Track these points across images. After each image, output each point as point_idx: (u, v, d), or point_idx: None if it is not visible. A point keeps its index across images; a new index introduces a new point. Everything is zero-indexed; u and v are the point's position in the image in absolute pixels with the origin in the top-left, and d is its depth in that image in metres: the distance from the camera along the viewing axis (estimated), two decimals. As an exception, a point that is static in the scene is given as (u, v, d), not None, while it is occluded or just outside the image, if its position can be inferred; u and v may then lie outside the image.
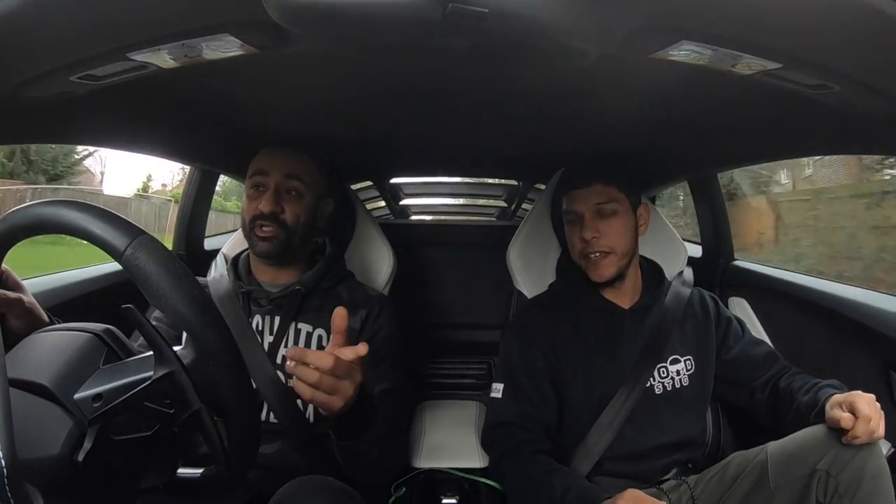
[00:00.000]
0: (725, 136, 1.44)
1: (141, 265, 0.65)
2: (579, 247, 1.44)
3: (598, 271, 1.42)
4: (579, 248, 1.44)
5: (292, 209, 1.36)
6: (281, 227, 1.34)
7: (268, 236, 1.33)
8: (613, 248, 1.41)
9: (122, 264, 0.65)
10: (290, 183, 1.37)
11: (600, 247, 1.40)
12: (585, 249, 1.42)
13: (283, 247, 1.35)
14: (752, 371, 1.48)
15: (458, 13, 0.58)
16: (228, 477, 0.75)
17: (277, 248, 1.35)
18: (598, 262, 1.42)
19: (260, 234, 1.34)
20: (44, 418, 0.63)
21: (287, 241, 1.36)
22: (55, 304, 1.41)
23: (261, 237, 1.34)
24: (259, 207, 1.33)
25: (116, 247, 0.65)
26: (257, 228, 1.34)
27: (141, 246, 0.65)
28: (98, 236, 0.65)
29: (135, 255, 0.65)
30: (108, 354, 0.72)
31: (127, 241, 0.65)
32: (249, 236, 1.36)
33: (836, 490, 1.09)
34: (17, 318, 0.84)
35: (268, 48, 0.83)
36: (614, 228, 1.41)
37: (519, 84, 1.18)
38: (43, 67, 0.81)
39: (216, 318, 0.69)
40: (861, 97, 0.87)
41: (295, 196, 1.37)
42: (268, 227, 1.33)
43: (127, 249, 0.65)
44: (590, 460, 1.39)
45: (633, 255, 1.46)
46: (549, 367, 1.45)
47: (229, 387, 0.70)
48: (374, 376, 1.35)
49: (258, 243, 1.34)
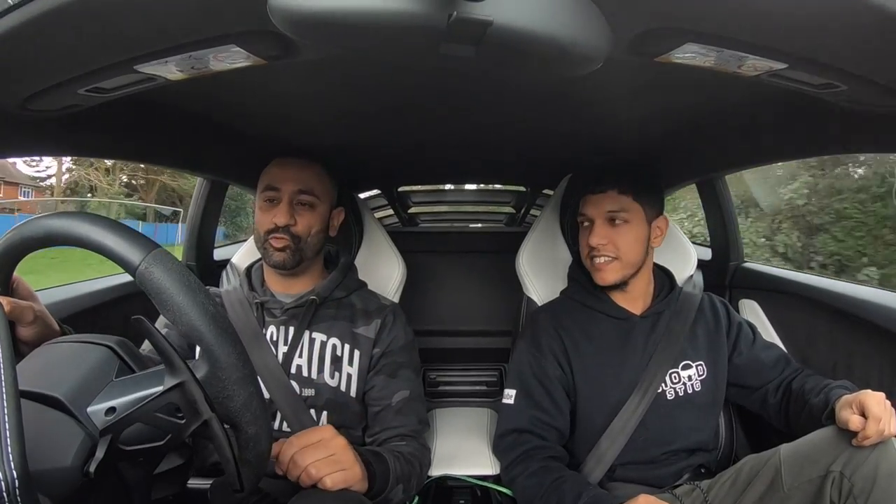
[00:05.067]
0: (733, 137, 1.43)
1: (155, 280, 0.65)
2: (587, 250, 1.44)
3: (600, 275, 1.42)
4: (587, 252, 1.44)
5: (305, 220, 1.38)
6: (294, 239, 1.36)
7: (281, 247, 1.35)
8: (619, 256, 1.41)
9: (136, 278, 0.66)
10: (303, 196, 1.38)
11: (606, 252, 1.40)
12: (591, 253, 1.42)
13: (296, 257, 1.37)
14: (763, 375, 1.47)
15: (462, 22, 0.58)
16: (239, 487, 0.75)
17: (291, 258, 1.36)
18: (603, 267, 1.41)
19: (274, 244, 1.35)
20: (55, 429, 0.63)
21: (300, 252, 1.37)
22: (66, 314, 1.43)
23: (275, 248, 1.35)
24: (273, 220, 1.35)
25: (131, 261, 0.65)
26: (271, 240, 1.35)
27: (156, 261, 0.65)
28: (112, 250, 0.66)
29: (149, 269, 0.65)
30: (121, 367, 0.72)
31: (142, 256, 0.65)
32: (264, 248, 1.38)
33: (850, 491, 1.08)
34: (29, 326, 0.84)
35: (274, 59, 0.84)
36: (623, 237, 1.41)
37: (525, 90, 1.18)
38: (51, 80, 0.82)
39: (230, 332, 0.69)
40: (868, 95, 0.87)
41: (307, 208, 1.39)
42: (281, 239, 1.35)
43: (141, 264, 0.65)
44: (602, 466, 1.38)
45: (641, 266, 1.45)
46: (562, 374, 1.45)
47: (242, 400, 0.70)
48: (393, 386, 1.37)
49: (273, 254, 1.36)
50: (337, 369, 1.35)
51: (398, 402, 1.36)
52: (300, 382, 1.33)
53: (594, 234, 1.41)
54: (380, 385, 1.37)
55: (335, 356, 1.36)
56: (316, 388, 1.33)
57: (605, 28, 0.68)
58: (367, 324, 1.42)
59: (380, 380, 1.37)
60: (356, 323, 1.41)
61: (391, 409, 1.35)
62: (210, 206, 2.05)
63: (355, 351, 1.38)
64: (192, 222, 2.04)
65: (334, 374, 1.35)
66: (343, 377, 1.35)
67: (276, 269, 1.39)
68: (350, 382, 1.36)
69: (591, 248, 1.42)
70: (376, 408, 1.36)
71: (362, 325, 1.41)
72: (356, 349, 1.38)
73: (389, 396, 1.36)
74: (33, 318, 0.85)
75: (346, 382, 1.35)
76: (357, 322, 1.41)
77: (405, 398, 1.37)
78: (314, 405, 1.33)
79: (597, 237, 1.40)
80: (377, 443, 1.34)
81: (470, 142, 1.71)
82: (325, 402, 1.33)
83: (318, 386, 1.33)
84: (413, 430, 1.36)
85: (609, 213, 1.41)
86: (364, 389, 1.38)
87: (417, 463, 1.30)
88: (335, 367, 1.35)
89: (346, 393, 1.35)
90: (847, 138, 1.14)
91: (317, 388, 1.33)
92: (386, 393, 1.36)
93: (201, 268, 2.02)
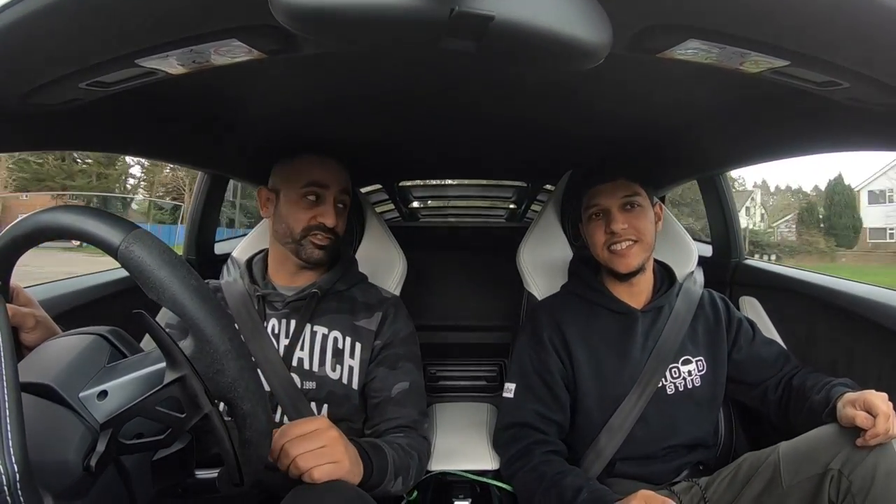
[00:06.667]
0: (734, 134, 1.43)
1: (136, 258, 0.65)
2: (604, 239, 1.43)
3: (625, 261, 1.41)
4: (604, 241, 1.43)
5: (342, 221, 1.43)
6: (336, 238, 1.41)
7: (325, 245, 1.38)
8: (640, 238, 1.41)
9: (118, 259, 0.65)
10: (344, 197, 1.43)
11: (628, 235, 1.40)
12: (611, 241, 1.42)
13: (332, 254, 1.41)
14: (763, 372, 1.47)
15: (464, 16, 0.58)
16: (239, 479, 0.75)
17: (328, 255, 1.40)
18: (626, 252, 1.41)
19: (317, 242, 1.38)
20: (55, 423, 0.64)
21: (335, 250, 1.42)
22: (64, 310, 1.42)
23: (318, 245, 1.38)
24: (319, 220, 1.37)
25: (112, 242, 0.65)
26: (313, 237, 1.37)
27: (135, 239, 0.65)
28: (93, 234, 0.66)
29: (129, 248, 0.65)
30: (113, 353, 0.73)
31: (121, 236, 0.65)
32: (301, 243, 1.38)
33: (848, 489, 1.08)
34: (30, 332, 0.86)
35: (275, 53, 0.83)
36: (640, 220, 1.42)
37: (526, 86, 1.18)
38: (52, 75, 0.82)
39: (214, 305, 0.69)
40: (870, 94, 0.87)
41: (342, 209, 1.43)
42: (323, 237, 1.38)
43: (122, 244, 0.65)
44: (601, 461, 1.39)
45: (652, 250, 1.47)
46: (562, 368, 1.45)
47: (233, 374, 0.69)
48: (393, 378, 1.38)
49: (314, 251, 1.38)
50: (339, 362, 1.36)
51: (398, 393, 1.36)
52: (301, 375, 1.33)
53: (615, 221, 1.41)
54: (380, 376, 1.37)
55: (337, 349, 1.36)
56: (317, 381, 1.33)
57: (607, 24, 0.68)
58: (368, 316, 1.42)
59: (380, 371, 1.38)
60: (357, 316, 1.41)
61: (391, 400, 1.35)
62: (210, 200, 2.05)
63: (357, 344, 1.38)
64: (193, 216, 2.04)
65: (336, 367, 1.35)
66: (345, 370, 1.36)
67: (313, 264, 1.40)
68: (352, 375, 1.36)
69: (612, 235, 1.41)
70: (376, 399, 1.36)
71: (363, 317, 1.42)
72: (357, 342, 1.38)
73: (389, 388, 1.36)
74: (34, 324, 0.86)
75: (347, 375, 1.36)
76: (358, 315, 1.42)
77: (405, 390, 1.37)
78: (315, 398, 1.33)
79: (618, 223, 1.40)
80: (376, 434, 1.34)
81: (471, 137, 1.71)
82: (327, 395, 1.34)
83: (320, 379, 1.34)
84: (412, 422, 1.36)
85: (624, 198, 1.42)
86: (365, 381, 1.38)
87: (416, 454, 1.30)
88: (337, 360, 1.36)
89: (348, 385, 1.35)
90: (849, 136, 1.14)
91: (318, 381, 1.34)
92: (386, 384, 1.36)
93: (202, 262, 2.03)
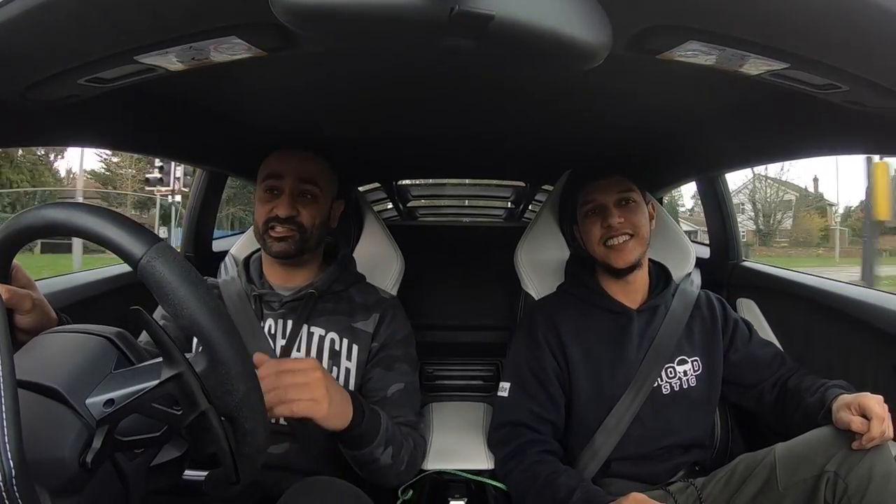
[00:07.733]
0: (733, 136, 1.43)
1: (157, 273, 0.64)
2: (600, 234, 1.44)
3: (622, 256, 1.42)
4: (600, 236, 1.44)
5: (308, 212, 1.36)
6: (298, 229, 1.34)
7: (283, 236, 1.33)
8: (637, 232, 1.42)
9: (137, 271, 0.65)
10: (305, 186, 1.36)
11: (624, 229, 1.41)
12: (607, 235, 1.42)
13: (299, 247, 1.35)
14: (759, 373, 1.48)
15: (464, 15, 0.58)
16: (235, 479, 0.75)
17: (294, 248, 1.35)
18: (623, 247, 1.41)
19: (274, 234, 1.33)
20: (52, 419, 0.63)
21: (303, 242, 1.36)
22: (64, 304, 1.42)
23: (276, 237, 1.33)
24: (275, 211, 1.33)
25: (133, 254, 0.65)
26: (271, 230, 1.34)
27: (158, 254, 0.65)
28: (114, 242, 0.65)
29: (151, 263, 0.64)
30: (120, 359, 0.72)
31: (144, 249, 0.64)
32: (263, 238, 1.36)
33: (844, 491, 1.09)
34: (26, 315, 0.84)
35: (275, 50, 0.83)
36: (636, 216, 1.43)
37: (526, 85, 1.18)
38: (51, 71, 0.82)
39: (230, 327, 0.69)
40: (870, 97, 0.87)
41: (310, 199, 1.37)
42: (282, 229, 1.33)
43: (143, 257, 0.64)
44: (597, 461, 1.39)
45: (647, 246, 1.47)
46: (557, 368, 1.45)
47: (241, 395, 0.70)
48: (389, 378, 1.37)
49: (273, 244, 1.34)
50: (335, 364, 1.35)
51: (393, 393, 1.35)
52: None
53: (611, 215, 1.41)
54: (376, 377, 1.36)
55: (333, 350, 1.36)
56: None
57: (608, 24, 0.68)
58: (365, 318, 1.41)
59: (376, 372, 1.37)
60: (354, 317, 1.40)
61: (387, 400, 1.34)
62: (209, 197, 2.05)
63: (353, 345, 1.37)
64: (191, 213, 2.04)
65: (332, 368, 1.34)
66: (342, 372, 1.35)
67: (278, 258, 1.38)
68: (349, 377, 1.35)
69: (608, 230, 1.42)
70: (372, 399, 1.35)
71: (361, 319, 1.41)
72: (354, 343, 1.37)
73: (385, 388, 1.35)
74: (31, 306, 0.84)
75: (344, 377, 1.35)
76: (355, 316, 1.41)
77: (400, 390, 1.36)
78: None
79: (614, 217, 1.41)
80: None
81: (470, 136, 1.71)
82: None
83: None
84: (409, 421, 1.35)
85: (619, 194, 1.43)
86: (361, 383, 1.38)
87: (412, 440, 1.30)
88: (333, 361, 1.35)
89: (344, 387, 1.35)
90: (847, 139, 1.14)
91: None
92: (382, 385, 1.36)
93: (199, 259, 2.02)
